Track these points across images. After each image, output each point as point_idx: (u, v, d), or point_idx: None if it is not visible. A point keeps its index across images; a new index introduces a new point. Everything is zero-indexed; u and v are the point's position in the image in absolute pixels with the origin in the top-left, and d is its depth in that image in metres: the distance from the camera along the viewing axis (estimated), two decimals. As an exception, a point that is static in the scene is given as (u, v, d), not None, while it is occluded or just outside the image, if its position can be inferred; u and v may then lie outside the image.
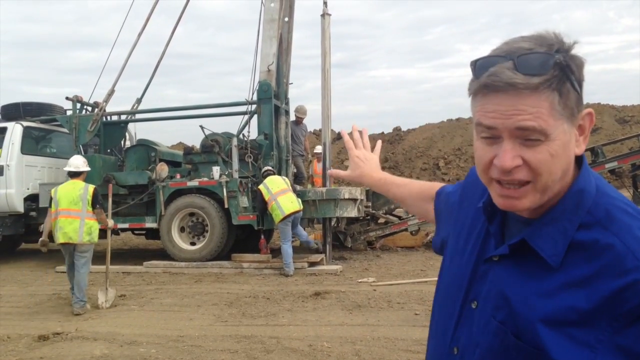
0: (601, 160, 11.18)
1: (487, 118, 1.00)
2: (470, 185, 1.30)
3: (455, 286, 1.17)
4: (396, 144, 27.02)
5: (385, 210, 11.57)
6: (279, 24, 10.99)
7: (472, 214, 1.23)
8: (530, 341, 0.98)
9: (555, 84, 0.96)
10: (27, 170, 11.22)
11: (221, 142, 10.71)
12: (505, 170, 0.99)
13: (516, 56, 0.97)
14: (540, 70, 0.96)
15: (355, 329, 5.86)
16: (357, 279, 8.62)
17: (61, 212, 7.15)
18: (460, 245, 1.22)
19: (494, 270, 1.09)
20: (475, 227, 1.20)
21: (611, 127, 25.78)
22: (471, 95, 1.05)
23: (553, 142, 0.97)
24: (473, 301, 1.11)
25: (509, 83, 0.96)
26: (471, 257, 1.16)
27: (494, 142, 1.01)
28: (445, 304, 1.20)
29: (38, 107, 12.33)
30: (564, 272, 1.00)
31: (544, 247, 1.02)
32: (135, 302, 7.55)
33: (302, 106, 12.22)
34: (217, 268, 9.76)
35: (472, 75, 1.04)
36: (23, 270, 10.60)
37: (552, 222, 1.03)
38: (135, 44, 11.65)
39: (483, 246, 1.15)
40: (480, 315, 1.09)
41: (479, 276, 1.12)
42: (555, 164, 0.99)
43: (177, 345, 5.42)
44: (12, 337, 5.83)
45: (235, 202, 9.90)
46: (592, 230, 1.01)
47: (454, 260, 1.22)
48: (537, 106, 0.96)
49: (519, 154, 0.98)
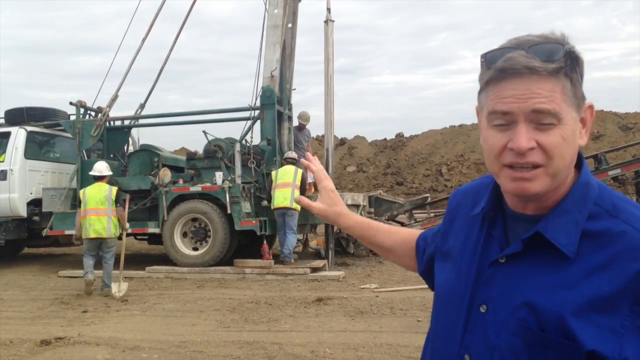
0: (604, 168, 11.17)
1: (503, 104, 1.02)
2: (455, 206, 1.32)
3: (457, 294, 1.16)
4: (399, 150, 27.02)
5: (387, 217, 11.56)
6: (282, 30, 11.03)
7: (466, 225, 1.24)
8: (559, 333, 0.99)
9: (567, 71, 1.00)
10: (30, 175, 11.25)
11: (224, 147, 10.74)
12: (521, 152, 1.00)
13: (527, 46, 1.01)
14: (552, 57, 1.00)
15: (357, 335, 5.84)
16: (359, 285, 8.61)
17: (89, 211, 8.45)
18: (456, 256, 1.22)
19: (503, 271, 1.09)
20: (471, 236, 1.20)
21: (614, 134, 25.75)
22: (483, 87, 1.07)
23: (565, 127, 1.01)
24: (481, 305, 1.10)
25: (527, 66, 0.99)
26: (472, 264, 1.16)
27: (507, 128, 1.03)
28: (447, 312, 1.19)
29: (42, 111, 12.36)
30: (580, 262, 1.02)
31: (559, 238, 1.04)
32: (137, 307, 7.55)
33: (305, 112, 12.23)
34: (219, 273, 9.75)
35: (482, 68, 1.07)
36: (26, 274, 10.61)
37: (563, 214, 1.06)
38: (139, 49, 11.71)
39: (484, 251, 1.15)
40: (494, 318, 1.08)
41: (485, 280, 1.12)
42: (566, 148, 1.02)
43: (179, 351, 5.41)
44: (15, 341, 5.83)
45: (237, 208, 9.90)
46: (601, 220, 1.04)
47: (451, 271, 1.22)
48: (552, 90, 1.00)
49: (533, 136, 1.00)
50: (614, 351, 0.96)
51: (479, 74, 1.08)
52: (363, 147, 27.68)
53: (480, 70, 1.07)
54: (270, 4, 11.14)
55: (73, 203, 11.11)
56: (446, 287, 1.22)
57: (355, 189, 22.82)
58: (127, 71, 11.69)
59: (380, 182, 23.88)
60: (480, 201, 1.21)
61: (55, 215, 10.82)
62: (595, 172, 11.29)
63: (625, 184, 11.75)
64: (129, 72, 11.69)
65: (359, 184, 24.02)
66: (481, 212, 1.18)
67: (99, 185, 8.66)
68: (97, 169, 8.86)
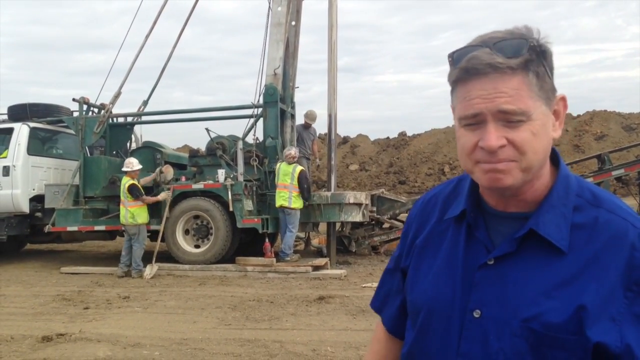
0: (608, 168, 11.14)
1: (471, 107, 1.02)
2: (417, 218, 1.29)
3: (443, 302, 1.13)
4: (401, 149, 27.00)
5: (390, 215, 11.54)
6: (285, 27, 11.01)
7: (437, 232, 1.21)
8: (565, 331, 0.99)
9: (532, 66, 1.00)
10: (33, 171, 11.25)
11: (226, 145, 10.73)
12: (491, 150, 1.00)
13: (492, 43, 1.01)
14: (516, 52, 0.99)
15: (359, 334, 5.83)
16: (361, 284, 8.60)
17: (120, 202, 9.98)
18: (431, 265, 1.18)
19: (495, 273, 1.07)
20: (445, 241, 1.18)
21: (617, 134, 25.70)
22: (452, 87, 1.08)
23: (534, 122, 1.01)
24: (474, 310, 1.08)
25: (490, 64, 0.99)
26: (454, 269, 1.13)
27: (477, 127, 1.03)
28: (435, 323, 1.14)
29: (45, 108, 12.36)
30: (573, 255, 1.03)
31: (552, 233, 1.04)
32: (139, 304, 7.55)
33: (313, 112, 12.19)
34: (221, 271, 9.76)
35: (450, 67, 1.07)
36: (28, 270, 10.62)
37: (551, 209, 1.07)
38: (142, 46, 11.70)
39: (467, 254, 1.13)
40: (492, 321, 1.06)
41: (476, 284, 1.09)
42: (537, 143, 1.02)
43: (180, 348, 5.41)
44: (16, 337, 5.83)
45: (240, 205, 9.90)
46: (585, 211, 1.07)
47: (429, 281, 1.17)
48: (517, 88, 0.99)
49: (502, 134, 1.01)
50: (616, 340, 0.98)
51: (448, 74, 1.08)
52: (365, 146, 27.67)
53: (449, 69, 1.08)
54: (274, 2, 11.13)
55: (75, 199, 11.13)
56: (427, 297, 1.17)
57: (358, 187, 22.81)
58: (130, 68, 11.68)
59: (382, 181, 23.87)
60: (452, 205, 1.20)
61: (58, 211, 10.82)
62: (599, 172, 11.26)
63: (629, 184, 11.71)
64: (132, 69, 11.69)
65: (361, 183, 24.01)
66: (459, 214, 1.16)
67: (124, 179, 9.96)
68: (125, 164, 10.13)
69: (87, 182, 11.16)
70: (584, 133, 23.84)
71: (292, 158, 9.90)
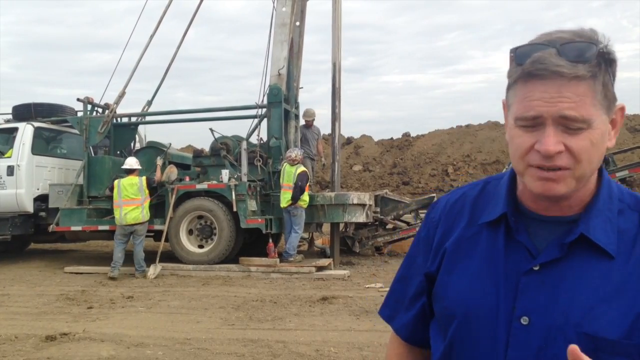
0: (612, 169, 11.10)
1: (531, 108, 0.98)
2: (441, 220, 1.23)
3: (483, 309, 1.08)
4: (405, 150, 26.95)
5: (393, 216, 11.53)
6: (290, 28, 11.01)
7: (464, 236, 1.17)
8: (626, 336, 0.98)
9: (599, 74, 0.97)
10: (37, 171, 11.27)
11: (230, 145, 10.74)
12: (548, 155, 0.97)
13: (559, 44, 0.97)
14: (584, 58, 0.96)
15: (362, 334, 5.83)
16: (364, 285, 8.59)
17: (125, 201, 9.75)
18: (465, 270, 1.14)
19: (541, 279, 1.04)
20: (475, 246, 1.14)
21: (622, 135, 25.62)
22: (511, 83, 1.04)
23: (594, 131, 0.98)
24: (522, 317, 1.04)
25: (555, 71, 0.96)
26: (495, 275, 1.09)
27: (534, 129, 0.99)
28: (476, 331, 1.09)
29: (49, 107, 12.37)
30: (622, 260, 1.02)
31: (601, 238, 1.03)
32: (142, 303, 7.56)
33: (309, 109, 12.22)
34: (224, 271, 9.76)
35: (511, 64, 1.03)
36: (32, 270, 10.65)
37: (599, 214, 1.05)
38: (146, 46, 11.72)
39: (508, 259, 1.08)
40: (541, 329, 1.03)
41: (522, 290, 1.05)
42: (594, 152, 0.99)
43: (183, 348, 5.41)
44: (20, 336, 5.84)
45: (243, 206, 9.90)
46: (629, 215, 1.06)
47: (465, 287, 1.12)
48: (581, 95, 0.96)
49: (561, 140, 0.97)
50: None
51: (508, 70, 1.04)
52: (369, 147, 27.62)
53: (509, 65, 1.04)
54: (279, 2, 11.13)
55: (79, 199, 11.15)
56: (463, 303, 1.12)
57: (361, 188, 22.78)
58: (134, 68, 11.70)
59: (386, 182, 23.83)
60: (484, 209, 1.16)
61: (62, 211, 10.84)
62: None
63: (633, 186, 11.69)
64: (136, 69, 11.71)
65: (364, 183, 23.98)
66: (497, 218, 1.12)
67: (131, 179, 9.90)
68: (128, 163, 10.09)
69: (91, 182, 11.18)
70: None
71: (293, 160, 9.90)
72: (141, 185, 9.86)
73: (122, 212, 9.73)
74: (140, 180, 9.91)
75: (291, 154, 9.98)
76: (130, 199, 9.77)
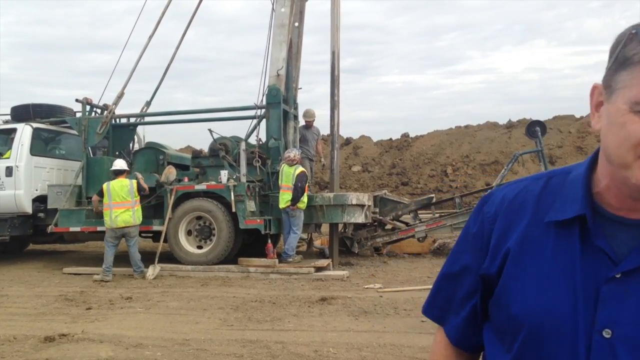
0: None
1: None
2: (499, 216, 1.13)
3: (558, 319, 0.99)
4: (404, 151, 26.96)
5: (392, 217, 11.54)
6: (289, 28, 11.01)
7: (528, 236, 1.07)
8: None
9: None
10: (36, 172, 11.27)
11: (229, 146, 10.74)
12: None
13: None
14: None
15: (361, 335, 5.83)
16: (363, 285, 8.59)
17: (116, 204, 9.58)
18: (535, 275, 1.04)
19: (624, 288, 0.96)
20: (543, 248, 1.04)
21: None
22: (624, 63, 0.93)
23: None
24: (604, 330, 0.96)
25: None
26: (572, 282, 0.99)
27: None
28: (546, 342, 1.01)
29: (48, 108, 12.38)
30: None
31: None
32: (141, 304, 7.55)
33: (310, 109, 12.23)
34: (223, 272, 9.76)
35: (632, 42, 0.93)
36: (30, 271, 10.64)
37: None
38: (145, 46, 11.70)
39: (585, 265, 0.99)
40: (626, 342, 0.94)
41: (603, 300, 0.96)
42: None
43: (182, 349, 5.40)
44: (18, 337, 5.84)
45: (242, 206, 9.90)
46: None
47: (535, 294, 1.03)
48: None
49: None
50: None
51: (622, 48, 0.94)
52: (368, 147, 27.62)
53: (623, 44, 0.94)
54: (278, 3, 11.13)
55: (78, 200, 11.15)
56: (534, 312, 1.02)
57: (360, 188, 22.78)
58: (133, 69, 11.69)
59: (385, 182, 23.83)
60: (550, 206, 1.06)
61: (61, 212, 10.84)
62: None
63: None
64: (135, 69, 11.70)
65: (363, 184, 23.98)
66: (573, 218, 1.02)
67: (121, 181, 9.76)
68: (117, 165, 9.97)
69: (90, 183, 11.17)
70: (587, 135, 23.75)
71: (292, 161, 9.90)
72: (131, 187, 9.73)
73: (112, 214, 9.56)
74: (130, 182, 9.80)
75: (289, 154, 9.99)
76: (121, 201, 9.63)
